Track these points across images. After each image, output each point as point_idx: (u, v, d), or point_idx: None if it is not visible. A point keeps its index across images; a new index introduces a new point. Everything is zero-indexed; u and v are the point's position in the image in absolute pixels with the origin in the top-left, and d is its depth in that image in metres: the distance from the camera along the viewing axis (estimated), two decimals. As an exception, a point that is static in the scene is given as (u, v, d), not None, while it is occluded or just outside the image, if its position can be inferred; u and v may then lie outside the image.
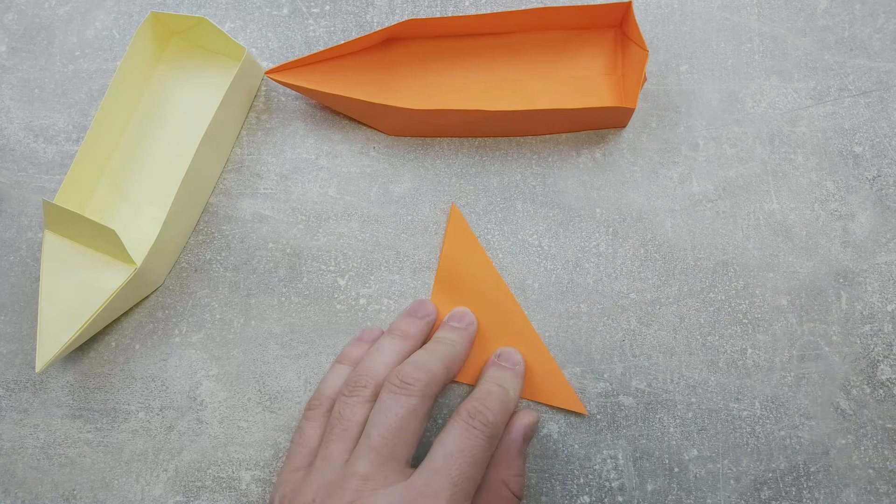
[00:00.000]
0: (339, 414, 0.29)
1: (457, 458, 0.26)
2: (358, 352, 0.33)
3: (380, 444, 0.27)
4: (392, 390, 0.28)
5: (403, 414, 0.28)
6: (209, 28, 0.36)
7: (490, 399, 0.29)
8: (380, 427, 0.27)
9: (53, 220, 0.34)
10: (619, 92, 0.36)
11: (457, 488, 0.26)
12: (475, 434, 0.27)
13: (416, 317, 0.33)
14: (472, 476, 0.27)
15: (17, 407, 0.35)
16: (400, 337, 0.32)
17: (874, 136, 0.36)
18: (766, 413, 0.33)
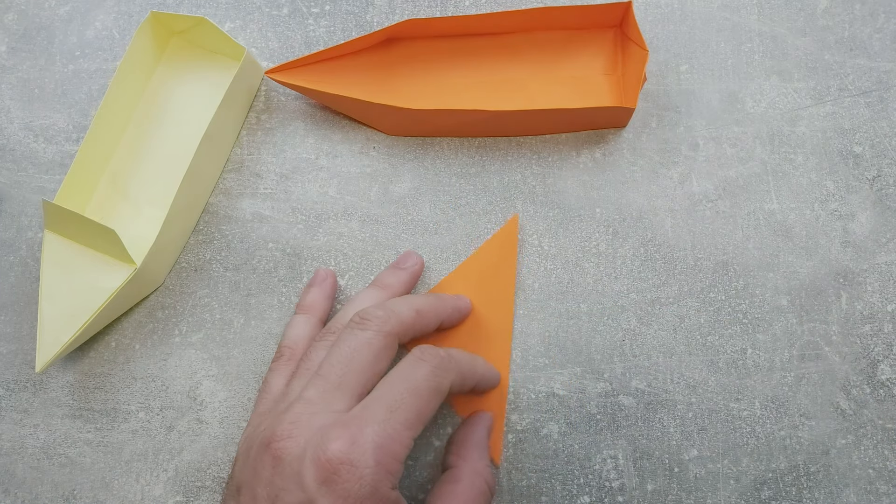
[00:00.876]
0: (307, 356, 0.30)
1: (396, 385, 0.26)
2: (313, 297, 0.33)
3: (327, 371, 0.27)
4: (350, 326, 0.28)
5: (355, 345, 0.27)
6: (209, 28, 0.36)
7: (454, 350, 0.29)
8: (330, 357, 0.27)
9: (53, 220, 0.34)
10: (619, 92, 0.36)
11: (392, 414, 0.25)
12: (419, 364, 0.27)
13: (398, 267, 0.34)
14: (410, 403, 0.26)
15: (17, 407, 0.35)
16: (378, 287, 0.32)
17: (874, 136, 0.36)
18: (766, 413, 0.33)
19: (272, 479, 0.25)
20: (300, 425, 0.25)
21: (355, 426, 0.24)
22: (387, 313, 0.28)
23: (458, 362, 0.28)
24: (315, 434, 0.25)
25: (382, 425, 0.25)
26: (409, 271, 0.34)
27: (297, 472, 0.24)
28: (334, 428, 0.25)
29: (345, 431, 0.24)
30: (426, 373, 0.27)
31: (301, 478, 0.24)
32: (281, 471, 0.25)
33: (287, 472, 0.24)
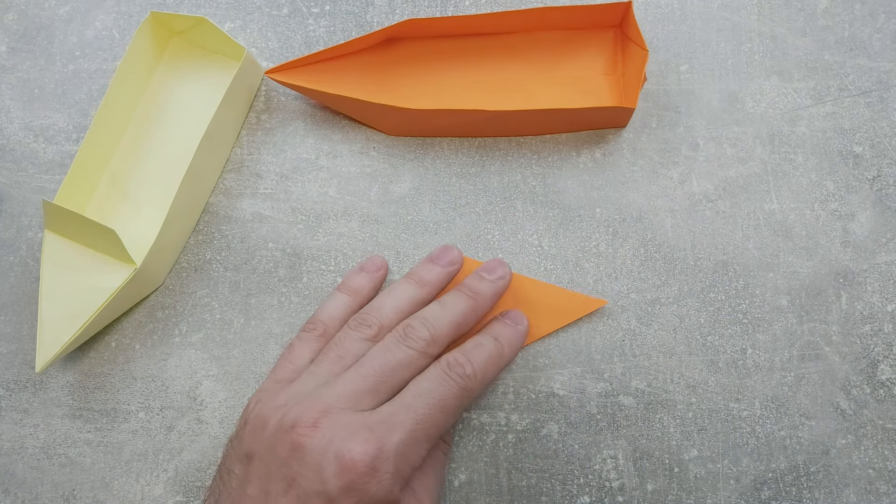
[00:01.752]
0: (339, 341, 0.30)
1: (425, 399, 0.27)
2: (359, 281, 0.34)
3: (368, 372, 0.28)
4: (396, 337, 0.29)
5: (400, 359, 0.28)
6: (209, 28, 0.36)
7: (477, 352, 0.29)
8: (374, 361, 0.28)
9: (53, 220, 0.34)
10: (619, 92, 0.36)
11: (418, 426, 0.26)
12: (449, 383, 0.28)
13: (437, 264, 0.33)
14: (436, 420, 0.27)
15: (17, 407, 0.35)
16: (416, 284, 0.32)
17: (874, 136, 0.36)
18: (766, 413, 0.33)
19: (289, 462, 0.26)
20: (328, 417, 0.26)
21: (383, 432, 0.26)
22: (432, 336, 0.29)
23: (483, 374, 0.29)
24: (342, 430, 0.26)
25: (408, 435, 0.26)
26: (449, 271, 0.33)
27: (318, 463, 0.25)
28: (362, 431, 0.26)
29: (372, 436, 0.25)
30: (455, 393, 0.28)
31: (322, 470, 0.25)
32: (301, 457, 0.25)
33: (308, 460, 0.25)
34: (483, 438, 0.34)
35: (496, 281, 0.32)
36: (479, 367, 0.29)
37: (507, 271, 0.33)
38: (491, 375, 0.30)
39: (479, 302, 0.31)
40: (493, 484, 0.33)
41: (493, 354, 0.30)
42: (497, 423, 0.34)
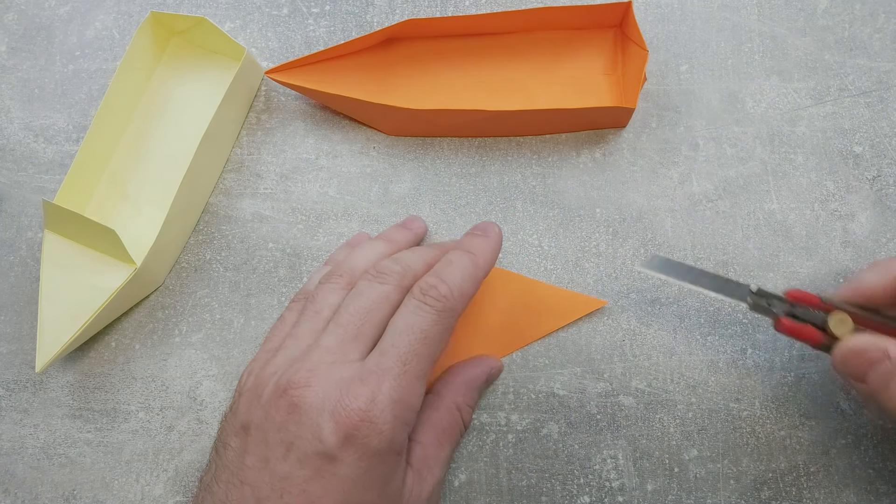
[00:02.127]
0: (313, 297, 0.29)
1: (405, 336, 0.26)
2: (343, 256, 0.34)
3: (346, 321, 0.27)
4: (367, 278, 0.29)
5: (374, 297, 0.28)
6: (209, 28, 0.36)
7: (450, 270, 0.28)
8: (349, 307, 0.28)
9: (53, 220, 0.34)
10: (619, 92, 0.36)
11: (406, 366, 0.26)
12: (425, 310, 0.27)
13: (404, 227, 0.34)
14: (421, 353, 0.26)
15: (17, 407, 0.35)
16: (384, 241, 0.32)
17: (874, 136, 0.36)
18: (766, 413, 0.33)
19: (286, 426, 0.25)
20: (318, 374, 0.26)
21: (373, 382, 0.25)
22: (403, 268, 0.29)
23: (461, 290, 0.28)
24: (334, 387, 0.25)
25: (398, 379, 0.26)
26: (415, 233, 0.34)
27: (315, 423, 0.25)
28: (353, 384, 0.25)
29: (364, 388, 0.25)
30: (433, 319, 0.27)
31: (319, 430, 0.25)
32: (297, 419, 0.25)
33: (304, 421, 0.25)
34: (483, 438, 0.34)
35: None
36: (455, 284, 0.28)
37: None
38: (469, 289, 0.28)
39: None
40: (493, 484, 0.33)
41: (466, 266, 0.29)
42: (497, 423, 0.34)
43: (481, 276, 0.30)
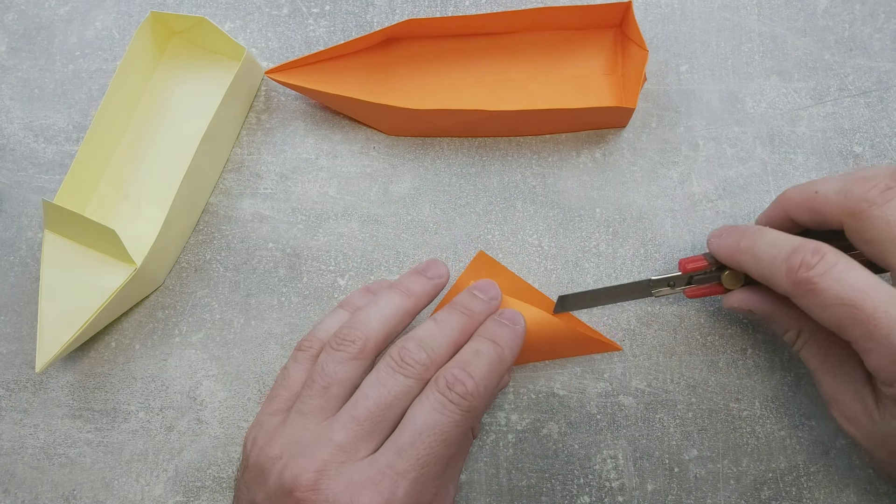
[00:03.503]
0: (322, 368, 0.27)
1: (426, 437, 0.25)
2: (363, 302, 0.31)
3: (365, 417, 0.26)
4: (391, 365, 0.27)
5: (396, 392, 0.26)
6: (209, 28, 0.36)
7: (476, 362, 0.27)
8: (369, 400, 0.26)
9: (53, 220, 0.34)
10: (619, 92, 0.36)
11: (423, 470, 0.25)
12: (450, 409, 0.25)
13: (424, 275, 0.31)
14: (441, 455, 0.25)
15: (17, 407, 0.35)
16: (402, 294, 0.30)
17: (874, 136, 0.36)
18: (766, 413, 0.33)
19: None
20: (327, 477, 0.25)
21: (388, 487, 0.24)
22: (429, 358, 0.27)
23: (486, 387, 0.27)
24: (344, 491, 0.24)
25: (414, 484, 0.25)
26: (435, 283, 0.31)
27: None
28: (366, 488, 0.24)
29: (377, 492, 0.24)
30: (457, 419, 0.26)
31: None
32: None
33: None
34: (483, 438, 0.34)
35: (489, 301, 0.31)
36: (481, 380, 0.27)
37: (497, 293, 0.31)
38: (493, 385, 0.27)
39: (474, 320, 0.30)
40: (493, 484, 0.33)
41: (493, 361, 0.28)
42: (497, 423, 0.34)
43: (504, 371, 0.28)
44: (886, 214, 0.25)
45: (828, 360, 0.29)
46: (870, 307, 0.24)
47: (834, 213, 0.27)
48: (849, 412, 0.27)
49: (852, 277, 0.24)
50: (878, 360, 0.24)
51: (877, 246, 0.25)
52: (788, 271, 0.26)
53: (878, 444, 0.27)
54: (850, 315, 0.24)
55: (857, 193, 0.26)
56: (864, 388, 0.27)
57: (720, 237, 0.31)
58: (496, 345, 0.28)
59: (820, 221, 0.28)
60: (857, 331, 0.24)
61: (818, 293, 0.25)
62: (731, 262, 0.30)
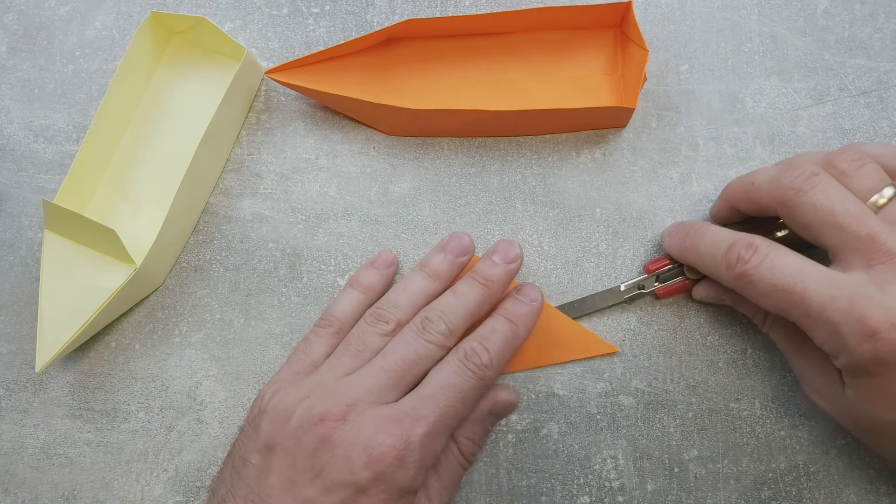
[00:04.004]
0: (358, 337, 0.31)
1: (446, 391, 0.29)
2: (371, 278, 0.34)
3: (390, 367, 0.29)
4: (415, 331, 0.30)
5: (421, 353, 0.30)
6: (209, 28, 0.36)
7: (493, 338, 0.30)
8: (396, 355, 0.29)
9: (53, 220, 0.34)
10: (619, 92, 0.36)
11: (441, 418, 0.28)
12: (467, 374, 0.29)
13: (450, 254, 0.33)
14: (457, 410, 0.29)
15: (17, 407, 0.35)
16: (430, 277, 0.32)
17: (874, 136, 0.36)
18: (766, 413, 0.33)
19: (317, 453, 0.27)
20: (356, 410, 0.28)
21: (408, 424, 0.27)
22: (448, 328, 0.30)
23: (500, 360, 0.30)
24: (369, 423, 0.27)
25: (431, 427, 0.28)
26: (461, 261, 0.33)
27: (347, 455, 0.27)
28: (389, 424, 0.27)
29: (399, 429, 0.27)
30: (473, 383, 0.29)
31: (351, 462, 0.27)
32: (330, 448, 0.27)
33: (337, 452, 0.27)
34: (483, 438, 0.34)
35: (509, 265, 0.32)
36: (496, 354, 0.30)
37: (519, 252, 0.33)
38: (507, 359, 0.31)
39: (493, 289, 0.32)
40: (493, 484, 0.33)
41: (508, 338, 0.31)
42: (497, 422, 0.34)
43: (518, 345, 0.32)
44: (813, 200, 0.27)
45: (794, 339, 0.30)
46: (800, 288, 0.26)
47: (768, 202, 0.29)
48: (817, 386, 0.29)
49: (783, 264, 0.26)
50: (819, 336, 0.26)
51: (809, 229, 0.27)
52: (728, 267, 0.28)
53: (845, 415, 0.28)
54: (786, 299, 0.26)
55: (786, 182, 0.27)
56: (828, 362, 0.28)
57: (670, 235, 0.33)
58: (512, 323, 0.31)
59: (759, 210, 0.30)
60: (795, 312, 0.26)
61: (755, 284, 0.27)
62: (681, 259, 0.32)
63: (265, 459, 0.28)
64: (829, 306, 0.25)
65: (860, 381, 0.26)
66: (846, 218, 0.26)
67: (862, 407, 0.26)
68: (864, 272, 0.25)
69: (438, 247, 0.33)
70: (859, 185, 0.27)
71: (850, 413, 0.27)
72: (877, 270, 0.25)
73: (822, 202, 0.26)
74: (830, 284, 0.25)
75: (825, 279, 0.25)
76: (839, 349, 0.25)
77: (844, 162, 0.27)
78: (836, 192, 0.26)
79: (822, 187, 0.27)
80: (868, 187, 0.27)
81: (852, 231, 0.26)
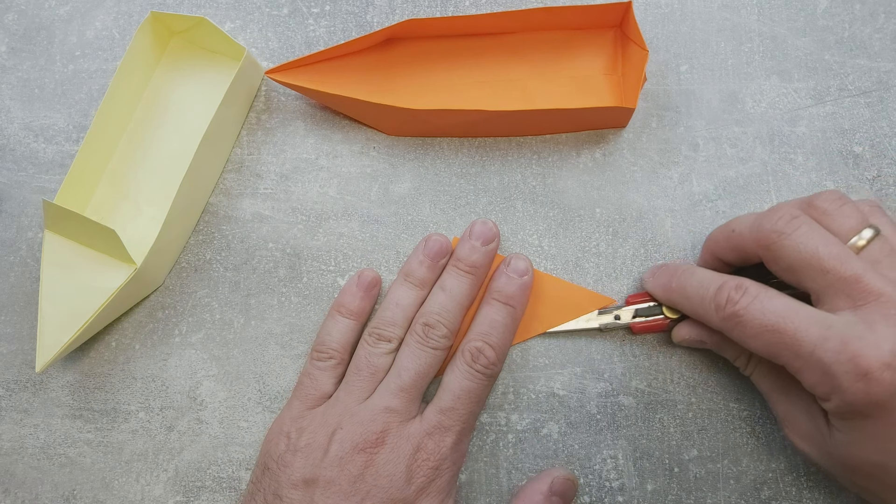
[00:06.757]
0: (367, 360, 0.32)
1: (462, 399, 0.31)
2: (358, 303, 0.34)
3: (410, 385, 0.31)
4: (420, 341, 0.32)
5: (430, 362, 0.32)
6: (209, 28, 0.36)
7: (494, 332, 0.32)
8: (410, 371, 0.31)
9: (53, 220, 0.34)
10: (619, 92, 0.36)
11: (464, 424, 0.31)
12: (478, 377, 0.31)
13: (428, 256, 0.34)
14: (474, 411, 0.32)
15: (17, 407, 0.35)
16: (417, 286, 0.33)
17: (874, 136, 0.36)
18: (767, 413, 0.33)
19: (362, 478, 0.29)
20: (391, 433, 0.30)
21: (439, 437, 0.30)
22: (449, 330, 0.32)
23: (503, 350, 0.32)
24: (407, 442, 0.30)
25: (457, 435, 0.31)
26: (440, 264, 0.34)
27: (391, 474, 0.29)
28: (424, 439, 0.30)
29: (432, 443, 0.30)
30: (485, 384, 0.32)
31: (396, 480, 0.29)
32: (375, 472, 0.29)
33: (382, 472, 0.29)
34: (483, 438, 0.34)
35: (488, 246, 0.33)
36: (500, 347, 0.32)
37: (496, 231, 0.34)
38: (510, 343, 0.33)
39: (479, 274, 0.33)
40: (493, 484, 0.33)
41: (507, 324, 0.32)
42: (497, 423, 0.34)
43: (518, 323, 0.33)
44: (796, 242, 0.27)
45: (778, 381, 0.30)
46: (791, 329, 0.25)
47: (750, 247, 0.29)
48: (802, 430, 0.29)
49: (773, 305, 0.26)
50: (809, 377, 0.26)
51: (792, 273, 0.27)
52: (717, 308, 0.28)
53: (831, 459, 0.28)
54: (776, 340, 0.26)
55: (767, 226, 0.28)
56: (814, 405, 0.28)
57: (653, 276, 0.33)
58: (508, 306, 0.33)
59: (742, 257, 0.30)
60: (785, 353, 0.26)
61: (745, 325, 0.27)
62: (665, 301, 0.33)
63: (306, 493, 0.29)
64: (821, 346, 0.25)
65: (851, 423, 0.25)
66: (830, 260, 0.26)
67: (851, 450, 0.26)
68: (852, 313, 0.25)
69: (416, 251, 0.34)
70: (840, 224, 0.27)
71: (838, 457, 0.27)
72: (864, 311, 0.25)
73: (805, 244, 0.26)
74: (821, 325, 0.25)
75: (815, 319, 0.25)
76: (831, 391, 0.25)
77: (826, 202, 0.28)
78: (818, 234, 0.26)
79: (804, 230, 0.27)
80: (850, 226, 0.27)
81: (837, 273, 0.25)
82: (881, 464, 0.25)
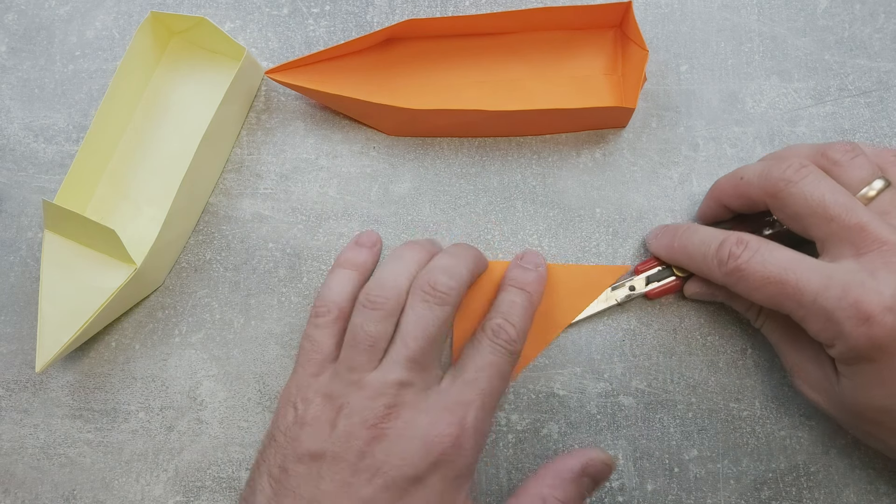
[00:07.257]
0: (362, 328, 0.30)
1: (486, 372, 0.29)
2: (361, 257, 0.34)
3: (417, 352, 0.29)
4: (425, 299, 0.30)
5: (439, 323, 0.29)
6: (209, 28, 0.36)
7: (514, 311, 0.31)
8: (417, 336, 0.29)
9: (53, 220, 0.34)
10: (619, 92, 0.36)
11: (486, 398, 0.29)
12: (500, 352, 0.30)
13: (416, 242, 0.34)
14: (498, 387, 0.30)
15: (17, 407, 0.35)
16: (419, 247, 0.33)
17: (874, 136, 0.36)
18: (766, 413, 0.33)
19: (371, 453, 0.27)
20: (403, 405, 0.28)
21: (460, 412, 0.28)
22: (457, 284, 0.30)
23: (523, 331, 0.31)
24: (420, 416, 0.28)
25: (480, 411, 0.29)
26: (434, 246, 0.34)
27: (403, 449, 0.27)
28: (440, 412, 0.28)
29: (451, 417, 0.28)
30: (507, 359, 0.30)
31: (408, 455, 0.27)
32: (385, 447, 0.27)
33: (393, 449, 0.27)
34: (483, 438, 0.34)
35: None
36: (520, 326, 0.31)
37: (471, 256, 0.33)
38: (528, 327, 0.32)
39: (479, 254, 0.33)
40: (493, 484, 0.33)
41: (525, 307, 0.31)
42: (497, 423, 0.34)
43: (534, 312, 0.32)
44: (803, 191, 0.27)
45: (787, 333, 0.30)
46: (793, 279, 0.26)
47: (758, 195, 0.29)
48: (811, 379, 0.29)
49: (774, 257, 0.27)
50: (813, 325, 0.26)
51: (799, 220, 0.28)
52: (719, 264, 0.29)
53: (839, 407, 0.28)
54: (779, 291, 0.26)
55: (776, 174, 0.28)
56: (822, 354, 0.28)
57: (656, 238, 0.33)
58: (525, 291, 0.32)
59: (748, 205, 0.30)
60: (788, 303, 0.27)
61: (747, 278, 0.27)
62: (669, 261, 0.33)
63: (312, 467, 0.28)
64: (822, 294, 0.25)
65: (855, 368, 0.26)
66: (836, 208, 0.26)
67: (858, 396, 0.27)
68: (854, 261, 0.26)
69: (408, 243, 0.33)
70: (851, 175, 0.28)
71: (846, 404, 0.28)
72: (866, 258, 0.25)
73: (812, 192, 0.27)
74: (822, 274, 0.26)
75: (816, 269, 0.26)
76: (834, 336, 0.26)
77: (838, 153, 0.28)
78: (826, 183, 0.27)
79: (811, 178, 0.27)
80: (860, 178, 0.27)
81: (842, 221, 0.26)
82: (887, 408, 0.26)
